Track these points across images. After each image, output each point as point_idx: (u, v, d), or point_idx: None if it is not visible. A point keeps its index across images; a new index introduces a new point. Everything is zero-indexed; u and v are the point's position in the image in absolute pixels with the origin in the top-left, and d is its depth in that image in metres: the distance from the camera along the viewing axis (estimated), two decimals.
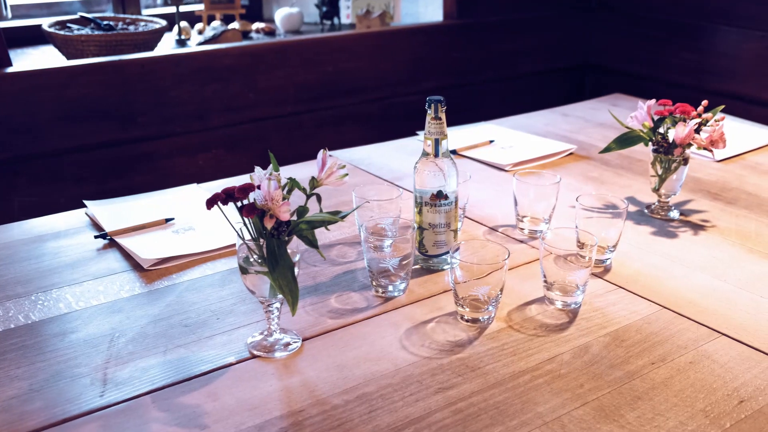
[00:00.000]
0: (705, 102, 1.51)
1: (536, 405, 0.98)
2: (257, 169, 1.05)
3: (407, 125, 2.23)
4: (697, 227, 1.51)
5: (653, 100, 1.54)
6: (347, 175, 1.06)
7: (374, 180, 1.77)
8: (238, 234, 1.05)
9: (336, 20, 3.27)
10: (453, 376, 1.04)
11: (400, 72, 2.76)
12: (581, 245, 1.29)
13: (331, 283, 1.29)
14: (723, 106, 1.53)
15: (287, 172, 1.85)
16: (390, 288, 1.25)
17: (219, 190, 1.01)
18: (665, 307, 1.22)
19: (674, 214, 1.55)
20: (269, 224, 0.99)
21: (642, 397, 1.00)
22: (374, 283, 1.26)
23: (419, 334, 1.14)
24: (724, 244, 1.43)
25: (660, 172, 1.53)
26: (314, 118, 2.62)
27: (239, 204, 1.03)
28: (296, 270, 1.04)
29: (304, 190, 1.06)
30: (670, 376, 1.04)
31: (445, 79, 2.88)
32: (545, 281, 1.23)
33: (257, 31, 3.09)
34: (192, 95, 2.36)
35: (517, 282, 1.29)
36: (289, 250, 1.06)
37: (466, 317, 1.17)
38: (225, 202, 1.03)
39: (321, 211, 1.04)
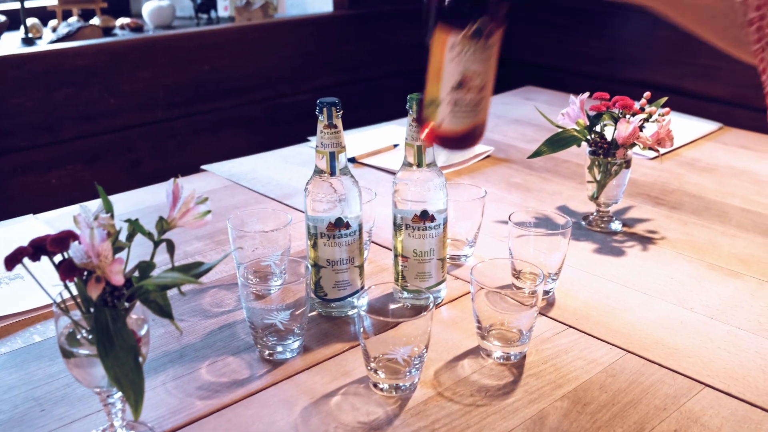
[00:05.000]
0: (647, 94, 1.28)
1: None
2: (81, 206, 0.74)
3: (298, 129, 1.96)
4: (644, 240, 1.28)
5: (586, 94, 1.30)
6: (209, 212, 0.75)
7: (258, 199, 1.47)
8: (55, 303, 0.74)
9: (213, 13, 2.95)
10: None
11: (286, 69, 2.47)
12: (517, 273, 1.04)
13: (202, 345, 0.99)
14: (666, 98, 1.30)
15: (156, 193, 1.53)
16: (279, 348, 0.95)
17: (62, 225, 0.70)
18: (629, 351, 0.97)
19: (616, 225, 1.32)
20: (95, 291, 0.68)
21: None
22: (259, 344, 0.96)
23: (321, 414, 0.85)
24: (680, 261, 1.21)
25: (599, 177, 1.29)
26: (189, 123, 2.29)
27: (57, 260, 0.72)
28: (143, 351, 0.74)
29: (150, 235, 0.75)
30: None
31: (337, 75, 2.61)
32: (479, 327, 0.96)
33: (122, 27, 2.72)
34: (38, 102, 1.99)
35: (442, 328, 1.02)
36: (134, 316, 0.76)
37: (381, 385, 0.89)
38: (34, 258, 0.72)
39: (173, 264, 0.73)
